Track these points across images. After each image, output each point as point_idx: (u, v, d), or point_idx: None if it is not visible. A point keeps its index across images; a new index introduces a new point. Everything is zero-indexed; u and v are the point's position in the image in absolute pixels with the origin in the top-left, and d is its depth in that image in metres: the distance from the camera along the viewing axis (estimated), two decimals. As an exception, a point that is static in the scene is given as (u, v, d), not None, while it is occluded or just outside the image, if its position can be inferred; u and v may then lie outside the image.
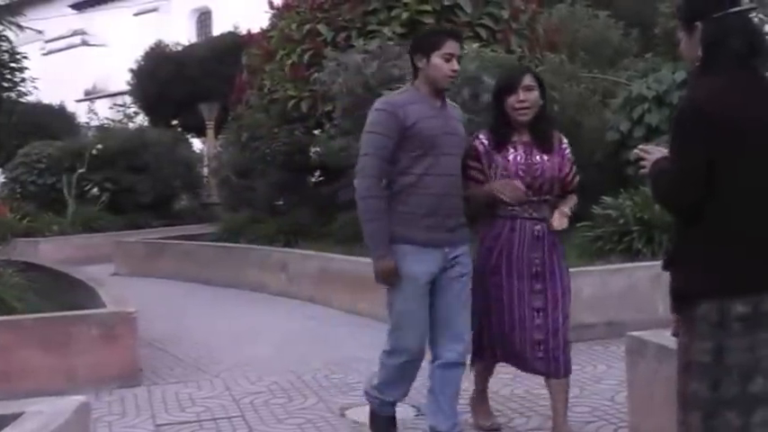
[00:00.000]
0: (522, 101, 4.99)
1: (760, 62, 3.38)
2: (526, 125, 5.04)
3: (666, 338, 4.20)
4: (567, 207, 5.07)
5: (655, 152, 3.58)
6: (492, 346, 5.21)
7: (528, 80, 5.03)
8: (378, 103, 4.93)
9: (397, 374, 5.18)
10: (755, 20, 3.80)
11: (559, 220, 4.97)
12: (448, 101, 5.12)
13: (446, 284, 4.93)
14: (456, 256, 4.92)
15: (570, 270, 7.65)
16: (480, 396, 5.62)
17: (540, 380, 6.60)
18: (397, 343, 5.04)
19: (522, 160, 4.99)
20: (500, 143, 5.05)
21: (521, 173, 4.96)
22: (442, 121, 4.88)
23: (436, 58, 4.79)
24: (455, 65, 4.85)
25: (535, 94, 5.03)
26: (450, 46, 4.81)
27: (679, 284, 3.34)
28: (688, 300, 3.29)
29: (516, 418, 5.81)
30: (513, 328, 5.03)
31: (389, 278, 4.81)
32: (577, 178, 5.17)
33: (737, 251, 3.22)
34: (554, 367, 5.01)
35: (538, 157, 4.99)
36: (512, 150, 5.02)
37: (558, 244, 5.06)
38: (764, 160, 3.23)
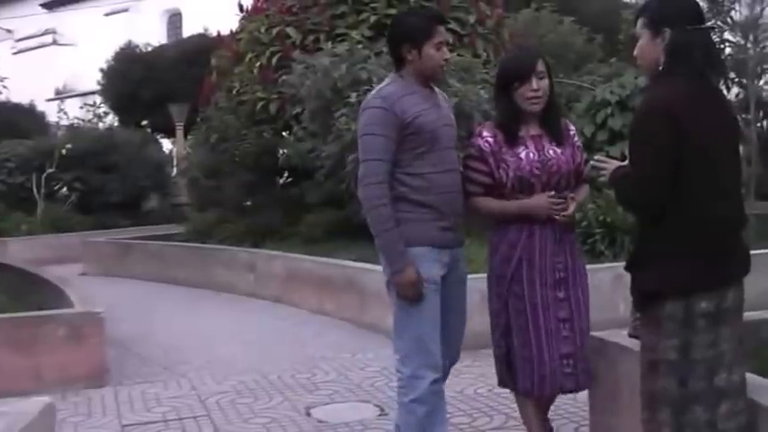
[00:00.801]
0: (535, 90, 4.37)
1: (714, 75, 3.58)
2: (536, 116, 4.44)
3: (627, 339, 4.26)
4: (580, 197, 4.54)
5: (612, 162, 3.69)
6: (524, 376, 4.46)
7: (541, 66, 4.40)
8: (370, 100, 4.40)
9: (432, 402, 4.42)
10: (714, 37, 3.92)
11: (571, 208, 4.38)
12: (435, 88, 4.61)
13: (450, 289, 4.50)
14: (459, 258, 4.60)
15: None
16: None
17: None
18: (424, 362, 4.37)
19: (536, 157, 4.39)
20: (509, 139, 4.46)
21: (536, 171, 4.38)
22: (439, 111, 4.43)
23: (429, 49, 4.30)
24: (447, 53, 4.41)
25: (547, 81, 4.41)
26: (441, 32, 4.33)
27: (645, 285, 3.43)
28: (654, 299, 3.38)
29: (480, 417, 5.87)
30: (540, 347, 4.37)
31: (416, 289, 4.28)
32: (588, 166, 4.37)
33: (700, 249, 3.33)
34: (583, 381, 4.46)
35: (551, 152, 4.40)
36: (522, 147, 4.41)
37: (576, 244, 4.56)
38: (720, 163, 3.38)
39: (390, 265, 4.32)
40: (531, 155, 4.40)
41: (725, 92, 12.57)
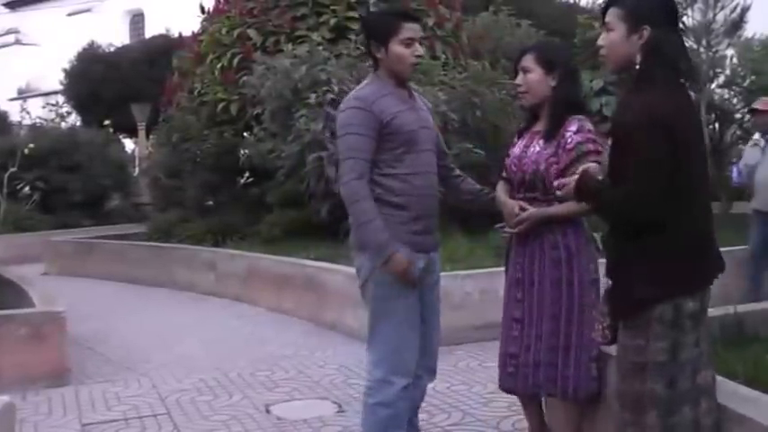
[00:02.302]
0: (518, 84, 4.40)
1: (688, 80, 3.48)
2: (544, 113, 4.36)
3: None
4: (549, 210, 4.28)
5: (570, 178, 3.61)
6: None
7: (525, 61, 4.35)
8: (348, 101, 4.38)
9: (397, 406, 4.41)
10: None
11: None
12: (414, 89, 4.65)
13: (424, 293, 4.50)
14: (435, 262, 4.58)
15: (488, 270, 8.03)
16: None
17: (462, 376, 6.91)
18: (397, 367, 4.36)
19: (517, 153, 4.41)
20: (519, 134, 4.54)
21: (513, 167, 4.41)
22: (416, 113, 4.42)
23: (395, 46, 4.29)
24: (418, 49, 4.35)
25: (532, 77, 4.30)
26: (408, 29, 4.30)
27: (637, 294, 3.36)
28: (645, 305, 3.34)
29: (438, 414, 5.95)
30: (501, 342, 4.49)
31: (410, 272, 4.27)
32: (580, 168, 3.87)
33: (687, 253, 3.32)
34: (521, 384, 4.38)
35: (532, 149, 4.32)
36: (519, 142, 4.46)
37: (548, 250, 4.27)
38: (700, 170, 3.36)
39: (378, 255, 4.25)
40: (517, 150, 4.42)
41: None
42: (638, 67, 3.34)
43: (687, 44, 11.55)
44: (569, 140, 4.19)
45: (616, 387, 3.54)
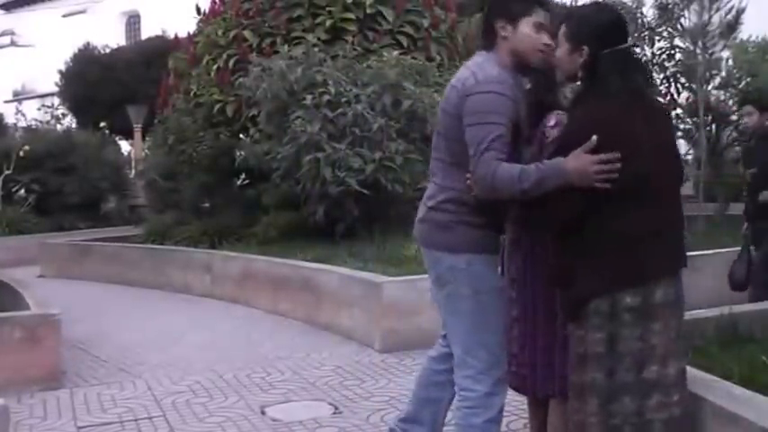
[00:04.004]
0: None
1: (640, 87, 3.65)
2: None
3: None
4: None
5: None
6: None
7: None
8: (484, 84, 3.87)
9: (500, 421, 4.25)
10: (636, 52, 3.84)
11: None
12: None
13: None
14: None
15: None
16: None
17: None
18: (502, 375, 4.18)
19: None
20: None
21: None
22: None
23: (525, 27, 3.95)
24: (546, 38, 3.94)
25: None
26: (541, 15, 3.96)
27: (572, 295, 3.52)
28: (580, 299, 3.49)
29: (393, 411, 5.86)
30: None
31: (590, 160, 3.44)
32: None
33: (623, 247, 3.42)
34: (522, 384, 4.35)
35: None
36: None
37: (540, 251, 4.15)
38: (645, 168, 3.43)
39: (560, 176, 3.53)
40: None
41: (668, 95, 12.80)
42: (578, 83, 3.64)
43: (684, 46, 11.53)
44: (548, 135, 4.15)
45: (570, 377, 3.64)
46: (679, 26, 12.39)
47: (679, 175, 3.76)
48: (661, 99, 12.02)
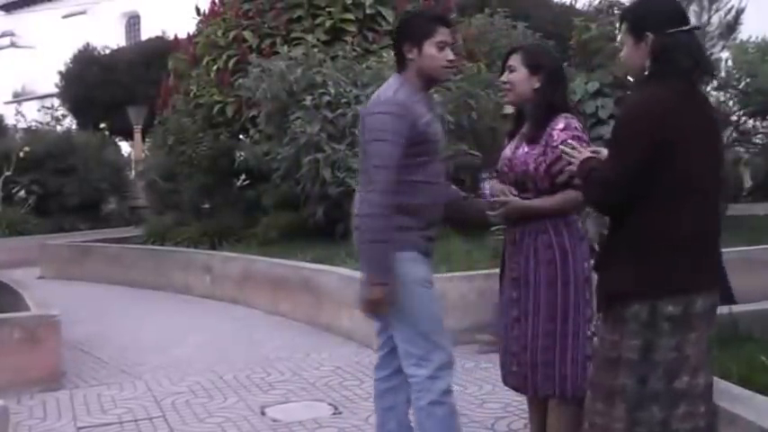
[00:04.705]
0: (503, 82, 4.46)
1: (699, 77, 3.58)
2: (529, 113, 4.41)
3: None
4: (534, 203, 4.31)
5: (583, 151, 3.71)
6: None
7: (511, 60, 4.42)
8: (384, 105, 4.21)
9: (450, 404, 4.41)
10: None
11: (492, 206, 4.38)
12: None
13: None
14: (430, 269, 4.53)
15: (485, 272, 8.02)
16: None
17: (457, 377, 6.88)
18: (443, 359, 4.37)
19: (508, 154, 4.44)
20: (510, 135, 4.58)
21: (504, 168, 4.44)
22: (437, 122, 4.42)
23: (429, 48, 4.23)
24: (450, 54, 4.28)
25: (516, 76, 4.37)
26: (442, 33, 4.25)
27: (612, 286, 3.45)
28: (621, 300, 3.41)
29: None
30: (501, 340, 4.57)
31: (381, 307, 4.20)
32: (564, 175, 4.18)
33: (670, 255, 3.34)
34: (537, 385, 4.33)
35: (520, 150, 4.35)
36: (509, 144, 4.51)
37: (542, 249, 4.29)
38: (698, 172, 3.36)
39: (369, 275, 4.16)
40: (508, 152, 4.44)
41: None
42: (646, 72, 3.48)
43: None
44: (556, 137, 4.21)
45: (590, 376, 3.61)
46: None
47: (722, 177, 3.65)
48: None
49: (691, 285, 3.37)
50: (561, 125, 4.23)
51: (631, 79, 3.95)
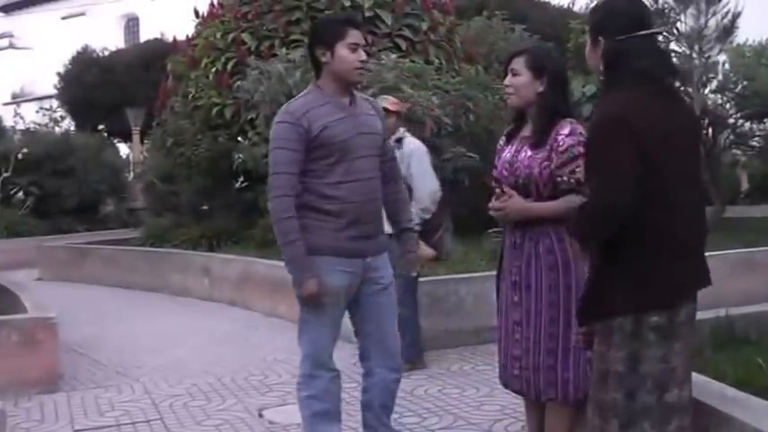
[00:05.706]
0: (506, 85, 4.41)
1: (665, 78, 3.48)
2: (532, 117, 4.36)
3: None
4: (535, 205, 4.25)
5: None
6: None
7: (514, 63, 4.37)
8: (278, 115, 4.49)
9: (330, 401, 4.77)
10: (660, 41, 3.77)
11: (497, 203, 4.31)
12: (360, 94, 4.71)
13: (372, 298, 4.65)
14: (378, 266, 4.62)
15: (482, 274, 8.02)
16: None
17: (455, 380, 6.91)
18: (319, 363, 4.69)
19: (509, 158, 4.38)
20: (508, 137, 4.52)
21: (505, 173, 4.37)
22: (354, 120, 4.47)
23: (341, 50, 4.38)
24: (362, 55, 4.44)
25: (520, 80, 4.33)
26: (354, 35, 4.40)
27: (595, 302, 3.38)
28: (603, 313, 3.34)
29: (429, 417, 5.97)
30: (500, 344, 4.51)
31: (318, 299, 4.41)
32: (577, 175, 4.09)
33: (652, 269, 3.25)
34: (539, 388, 4.31)
35: (523, 154, 4.30)
36: (508, 147, 4.44)
37: (543, 254, 4.26)
38: (675, 176, 3.28)
39: (293, 276, 4.40)
40: (508, 155, 4.39)
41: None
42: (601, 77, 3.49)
43: (680, 50, 11.53)
44: (561, 143, 4.17)
45: (590, 389, 3.55)
46: (675, 30, 12.35)
47: (701, 180, 3.60)
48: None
49: (676, 297, 3.32)
50: (567, 130, 4.20)
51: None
